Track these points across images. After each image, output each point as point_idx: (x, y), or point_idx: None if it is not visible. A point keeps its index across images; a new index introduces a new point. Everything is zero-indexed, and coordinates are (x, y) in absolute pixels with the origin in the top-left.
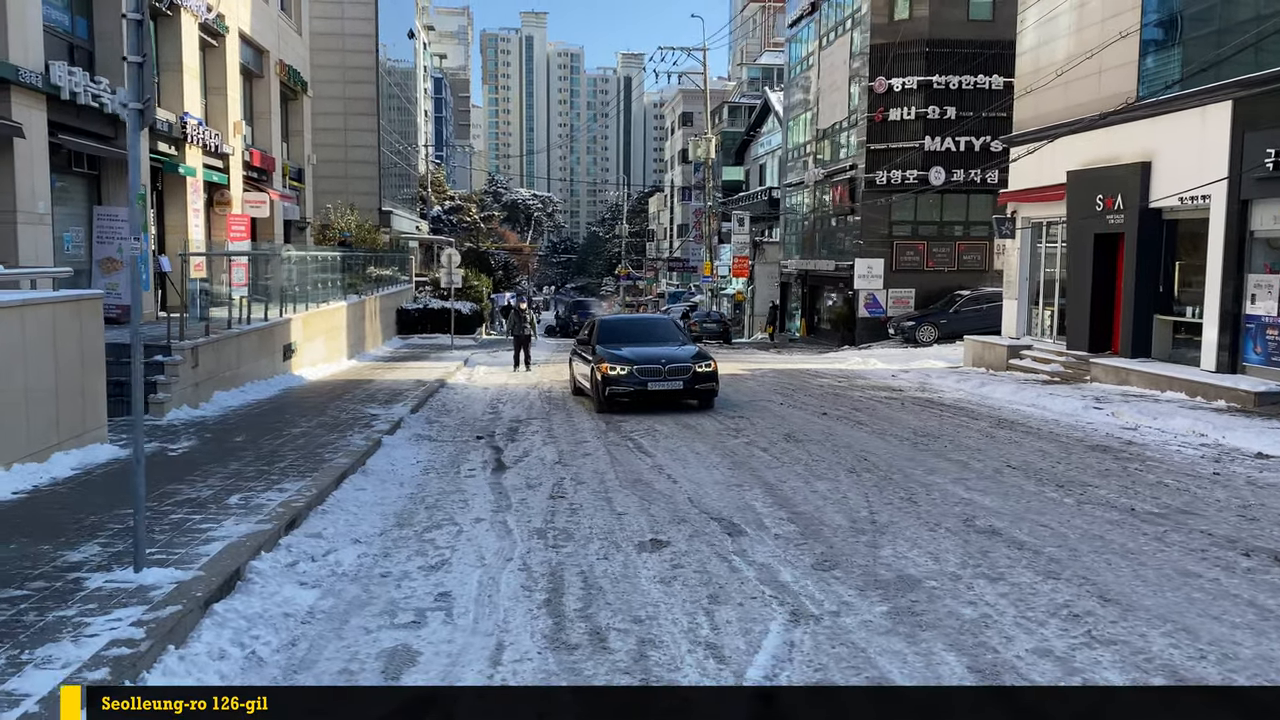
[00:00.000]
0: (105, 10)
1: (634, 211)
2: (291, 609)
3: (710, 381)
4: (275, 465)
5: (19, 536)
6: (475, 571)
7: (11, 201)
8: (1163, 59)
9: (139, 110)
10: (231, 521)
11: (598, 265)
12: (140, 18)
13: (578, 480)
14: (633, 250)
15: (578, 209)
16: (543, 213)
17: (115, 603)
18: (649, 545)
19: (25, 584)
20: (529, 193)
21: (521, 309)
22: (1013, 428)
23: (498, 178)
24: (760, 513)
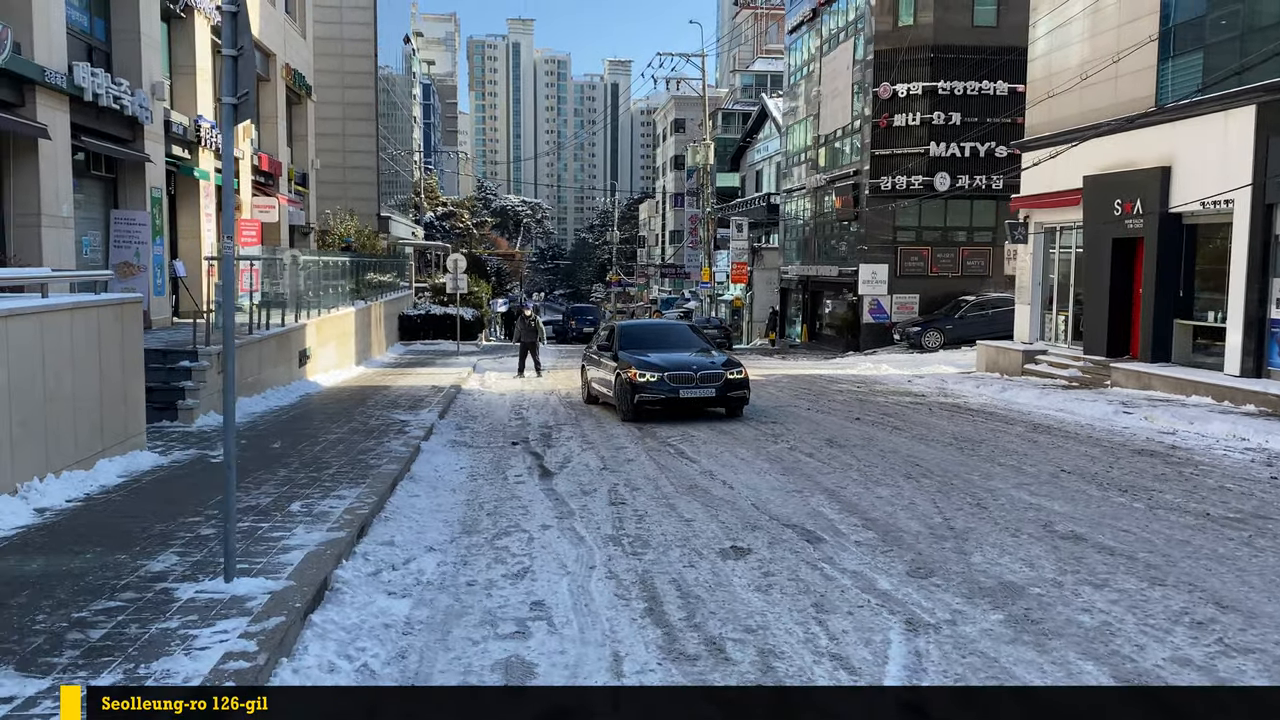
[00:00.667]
0: (122, 10)
1: (624, 218)
2: (389, 619)
3: (742, 389)
4: (324, 472)
5: (91, 546)
6: (561, 579)
7: (35, 204)
8: (1183, 64)
9: (233, 105)
10: (302, 530)
11: (587, 271)
12: (235, 9)
13: (631, 486)
14: (623, 256)
15: (565, 215)
16: (532, 219)
17: (215, 614)
18: (731, 552)
19: (115, 595)
20: (518, 199)
21: (528, 315)
22: (1050, 432)
23: (486, 184)
24: (831, 519)
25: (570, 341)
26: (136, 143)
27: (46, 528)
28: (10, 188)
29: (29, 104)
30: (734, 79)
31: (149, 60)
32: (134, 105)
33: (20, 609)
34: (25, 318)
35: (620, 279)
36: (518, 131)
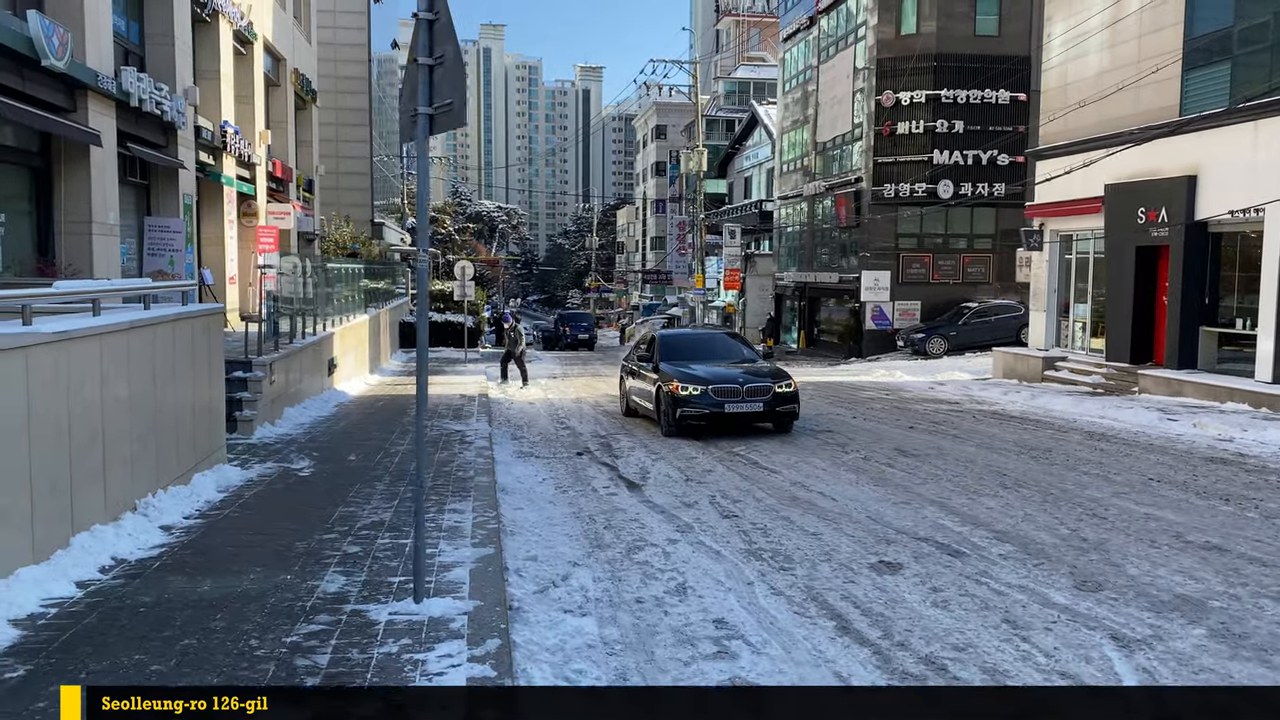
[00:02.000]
0: (156, 14)
1: (601, 224)
2: (586, 639)
3: (792, 403)
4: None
5: (248, 565)
6: (727, 596)
7: (87, 212)
8: (1209, 75)
9: (429, 115)
10: (446, 545)
11: (563, 278)
12: (432, 17)
13: (729, 499)
14: (601, 262)
15: (537, 221)
16: (507, 225)
17: (426, 637)
18: (882, 567)
19: (310, 618)
20: (493, 205)
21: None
22: (1108, 439)
23: (461, 189)
24: (959, 531)
25: (564, 349)
26: (170, 148)
27: (187, 546)
28: (61, 195)
29: (80, 109)
30: (717, 86)
31: (181, 65)
32: (172, 111)
33: (226, 633)
34: (141, 330)
35: (599, 285)
36: (489, 137)
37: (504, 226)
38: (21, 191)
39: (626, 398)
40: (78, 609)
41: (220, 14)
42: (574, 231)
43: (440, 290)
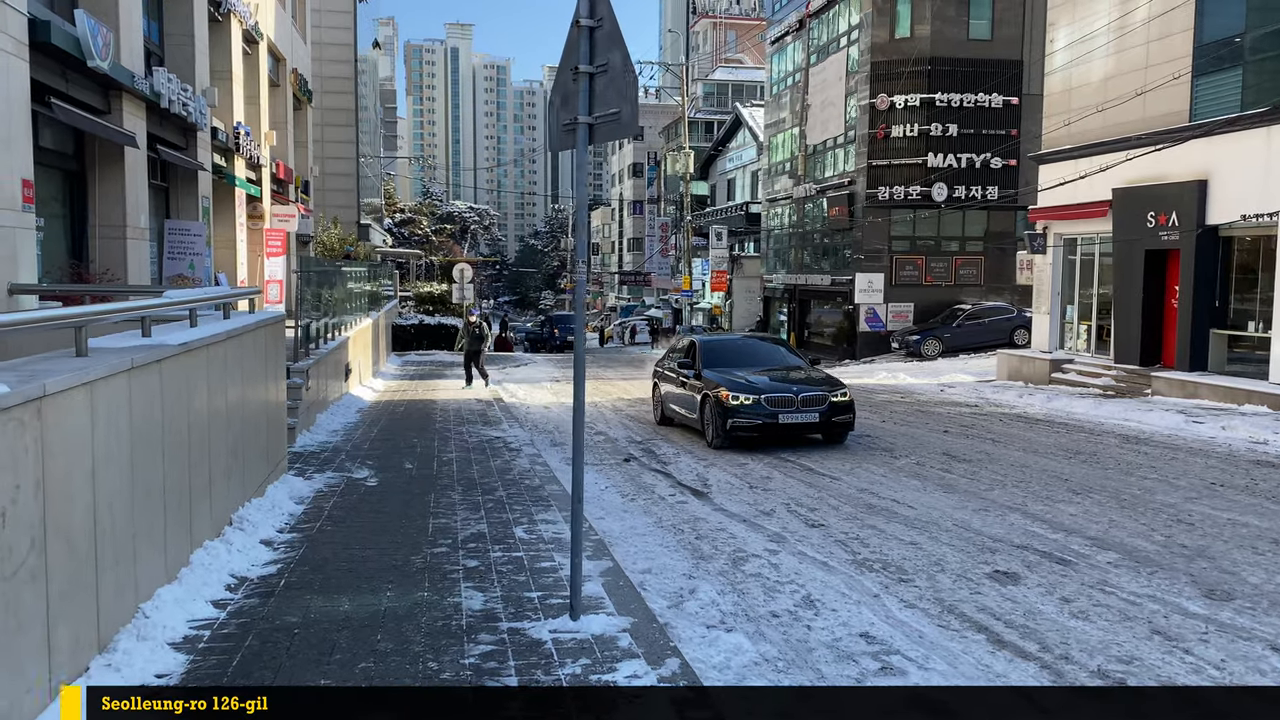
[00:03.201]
0: (176, 14)
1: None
2: (748, 656)
3: (848, 413)
4: (493, 494)
5: (377, 583)
6: (859, 609)
7: (121, 215)
8: (1219, 80)
9: (589, 125)
10: (560, 556)
11: (535, 279)
12: (594, 24)
13: (805, 506)
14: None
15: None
16: (479, 225)
17: (604, 656)
18: (1000, 577)
19: (473, 638)
20: (464, 205)
21: (473, 322)
22: (1146, 443)
23: (433, 190)
24: (1054, 539)
25: (555, 350)
26: (190, 150)
27: (301, 563)
28: (95, 198)
29: (115, 110)
30: (695, 88)
31: (201, 66)
32: (195, 112)
33: (398, 654)
34: (233, 339)
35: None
36: (456, 137)
37: (475, 227)
38: (56, 195)
39: (661, 405)
40: (230, 631)
41: (233, 13)
42: (545, 232)
43: (429, 293)
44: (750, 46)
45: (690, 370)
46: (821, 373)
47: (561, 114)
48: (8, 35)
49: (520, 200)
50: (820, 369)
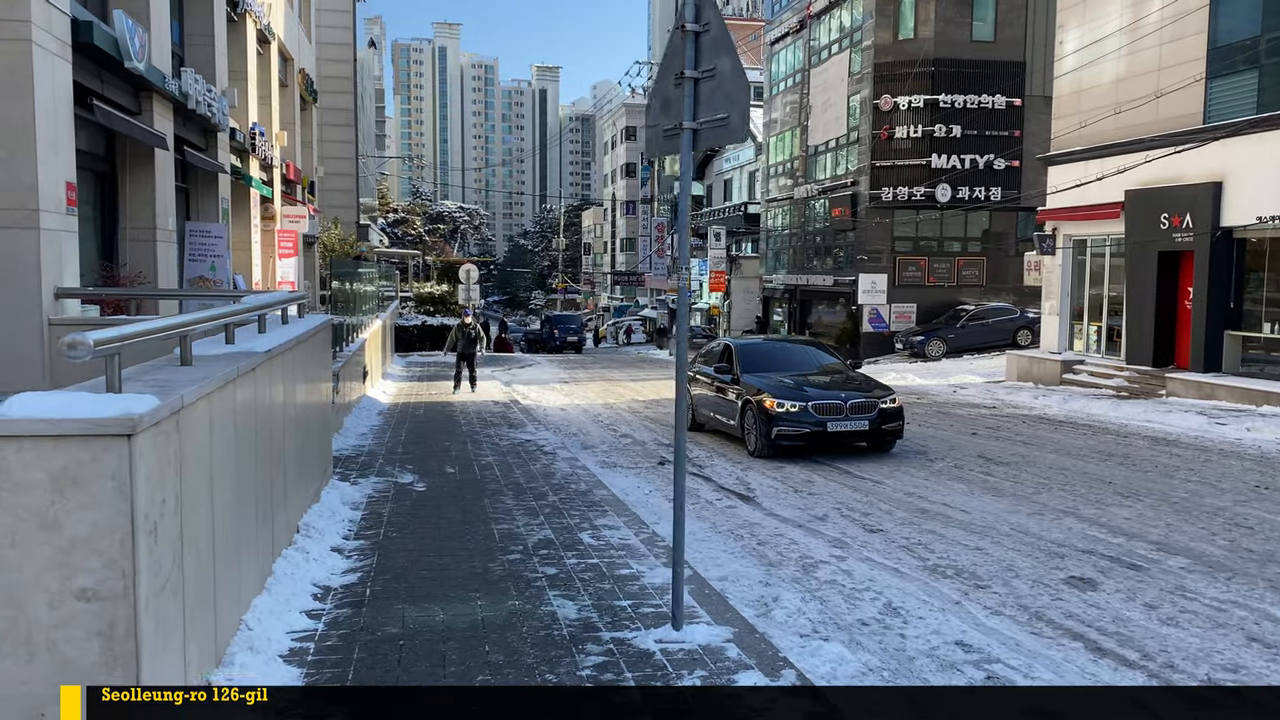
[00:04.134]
0: (196, 13)
1: (566, 225)
2: (853, 667)
3: (897, 420)
4: (546, 499)
5: (463, 592)
6: (945, 616)
7: (151, 217)
8: (1234, 83)
9: (693, 130)
10: (635, 563)
11: (525, 279)
12: (700, 29)
13: (857, 511)
14: (567, 263)
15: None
16: (469, 225)
17: (719, 668)
18: (1076, 583)
19: (580, 648)
20: (455, 205)
21: (468, 324)
22: (1176, 445)
23: (423, 189)
24: (1116, 543)
25: (554, 351)
26: (210, 150)
27: (382, 571)
28: (125, 200)
29: (145, 111)
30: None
31: (221, 66)
32: (218, 113)
33: (511, 666)
34: (300, 345)
35: (566, 285)
36: (444, 137)
37: (466, 227)
38: (87, 197)
39: (693, 410)
40: (333, 643)
41: (249, 13)
42: (535, 232)
43: (430, 293)
44: (744, 47)
45: (727, 375)
46: (865, 377)
47: (661, 119)
48: (52, 36)
49: (508, 200)
50: (862, 373)
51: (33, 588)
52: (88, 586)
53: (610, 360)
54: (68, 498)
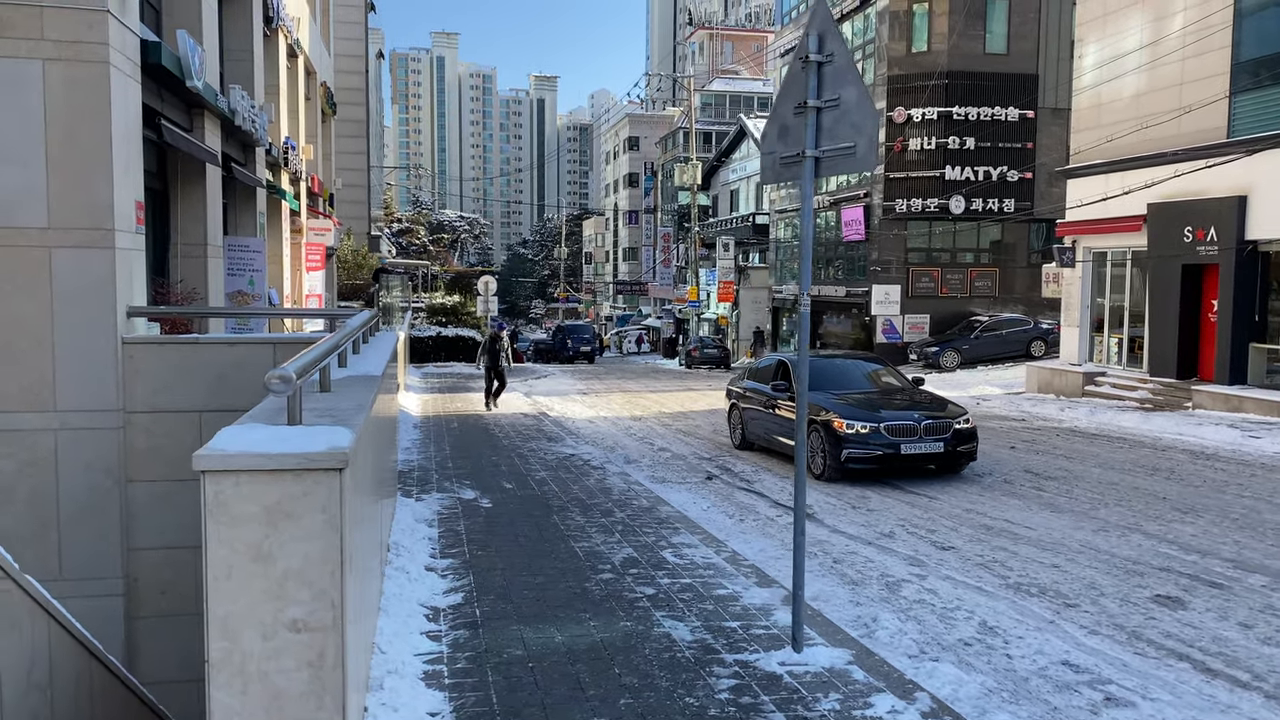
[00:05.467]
0: (236, 29)
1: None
2: (973, 688)
3: (972, 442)
4: (613, 516)
5: (572, 612)
6: (1045, 636)
7: (202, 234)
8: (1261, 97)
9: (815, 159)
10: (729, 583)
11: (526, 287)
12: (823, 59)
13: (923, 528)
14: (568, 272)
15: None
16: (469, 234)
17: (852, 691)
18: (1165, 601)
19: (707, 669)
20: (455, 214)
21: (500, 338)
22: (1217, 459)
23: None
24: (1190, 560)
25: (566, 361)
26: (249, 165)
27: (485, 590)
28: (177, 216)
29: (197, 128)
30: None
31: (258, 81)
32: (260, 128)
33: (647, 689)
34: (390, 362)
35: (568, 295)
36: (442, 146)
37: (466, 236)
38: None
39: (742, 428)
40: (463, 665)
41: (281, 27)
42: (535, 242)
43: (442, 304)
44: (747, 58)
45: (785, 393)
46: (931, 394)
47: (778, 146)
48: (126, 57)
49: (506, 209)
50: (927, 389)
51: (247, 619)
52: (298, 617)
53: (622, 370)
54: (281, 531)
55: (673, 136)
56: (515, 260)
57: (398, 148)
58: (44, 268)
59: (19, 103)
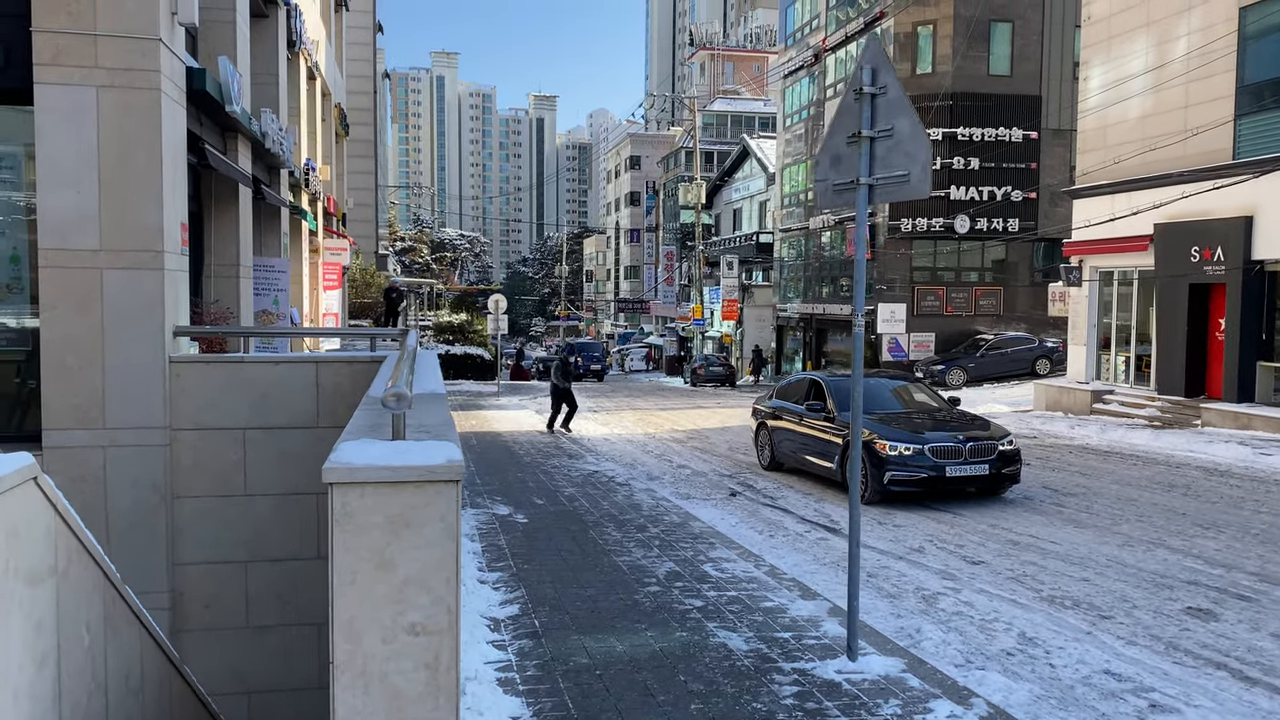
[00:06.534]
0: (262, 53)
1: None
2: (1023, 695)
3: (1016, 464)
4: (647, 530)
5: (629, 623)
6: (1084, 646)
7: (235, 254)
8: (1265, 120)
9: (870, 186)
10: (774, 596)
11: (526, 305)
12: (876, 91)
13: (951, 543)
14: (569, 290)
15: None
16: (470, 253)
17: (910, 699)
18: (1197, 614)
19: (768, 678)
20: (455, 232)
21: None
22: (1228, 475)
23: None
24: (1217, 574)
25: (578, 379)
26: (273, 186)
27: (538, 602)
28: (211, 237)
29: (231, 151)
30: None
31: (283, 104)
32: (286, 150)
33: (714, 695)
34: None
35: (570, 313)
36: (442, 165)
37: (466, 254)
38: None
39: (771, 448)
40: (533, 673)
41: (302, 50)
42: (535, 260)
43: (449, 322)
44: (748, 78)
45: (820, 413)
46: (970, 414)
47: (831, 174)
48: (174, 83)
49: (505, 227)
50: (963, 409)
51: (370, 623)
52: (417, 621)
53: (629, 388)
54: (402, 539)
55: (674, 156)
56: (515, 278)
57: (398, 166)
58: (95, 288)
59: (73, 129)
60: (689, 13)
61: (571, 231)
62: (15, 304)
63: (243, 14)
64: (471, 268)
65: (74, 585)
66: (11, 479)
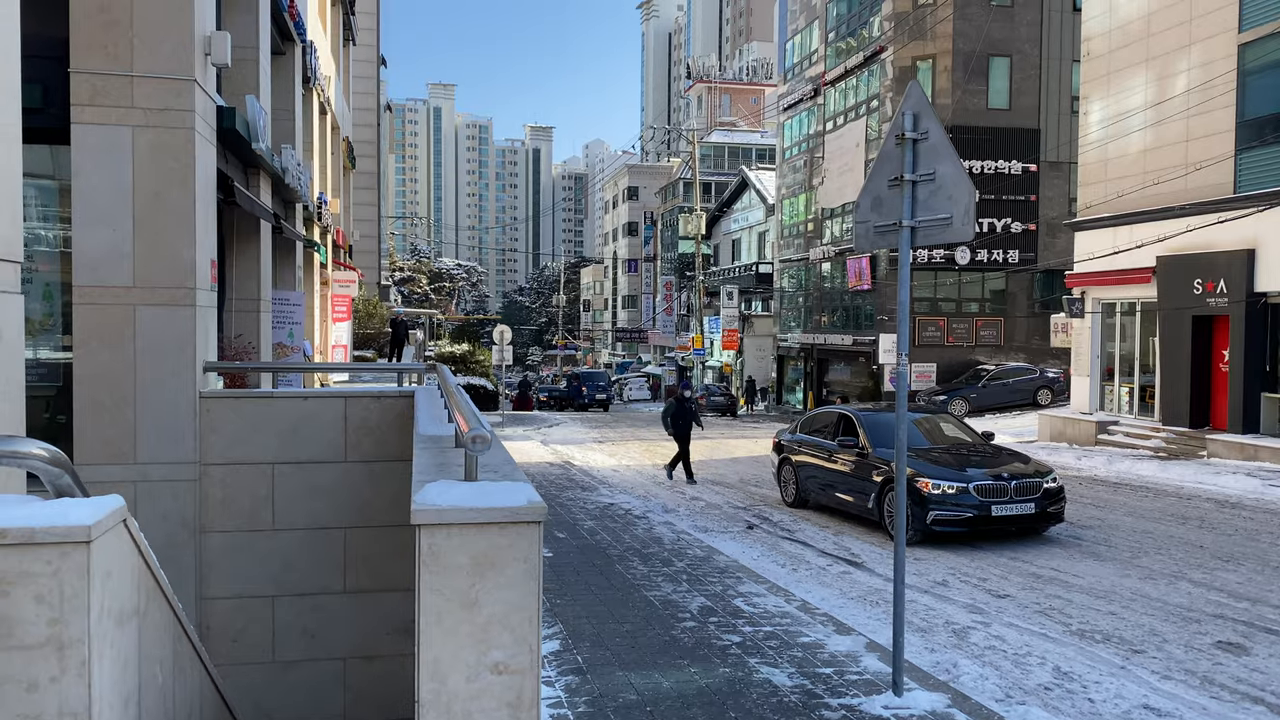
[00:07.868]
0: (281, 89)
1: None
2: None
3: (1061, 501)
4: (674, 565)
5: (673, 658)
6: (1117, 680)
7: (256, 289)
8: (1266, 154)
9: (912, 229)
10: (810, 631)
11: (523, 335)
12: (917, 136)
13: (975, 577)
14: (567, 320)
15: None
16: (467, 282)
17: None
18: (1228, 647)
19: (814, 713)
20: (453, 262)
21: (688, 396)
22: (1239, 507)
23: (420, 247)
24: (1242, 607)
25: (580, 408)
26: (289, 220)
27: (578, 638)
28: (233, 272)
29: (253, 187)
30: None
31: (299, 139)
32: (303, 185)
33: None
34: None
35: (567, 342)
36: (439, 195)
37: (463, 284)
38: None
39: (796, 484)
40: (584, 710)
41: (315, 85)
42: (531, 289)
43: (450, 353)
44: (745, 111)
45: (853, 449)
46: (1009, 450)
47: (871, 216)
48: (205, 122)
49: (501, 257)
50: (998, 444)
51: (454, 662)
52: (500, 660)
53: (631, 419)
54: (486, 579)
55: (673, 186)
56: (512, 308)
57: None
58: (129, 324)
59: (109, 167)
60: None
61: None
62: (48, 340)
63: (265, 52)
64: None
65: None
66: (106, 522)
